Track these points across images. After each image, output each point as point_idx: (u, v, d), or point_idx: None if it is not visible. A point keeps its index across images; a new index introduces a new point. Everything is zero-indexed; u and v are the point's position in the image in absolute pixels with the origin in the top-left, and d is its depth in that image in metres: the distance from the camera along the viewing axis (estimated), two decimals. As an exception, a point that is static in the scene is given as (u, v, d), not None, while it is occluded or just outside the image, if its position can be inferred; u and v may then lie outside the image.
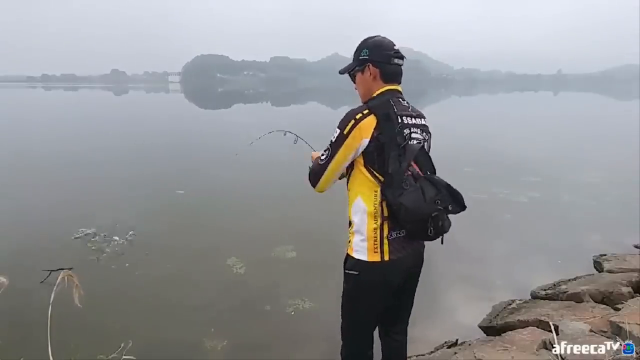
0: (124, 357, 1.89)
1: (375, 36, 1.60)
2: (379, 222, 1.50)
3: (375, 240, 1.51)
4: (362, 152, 1.48)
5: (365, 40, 1.59)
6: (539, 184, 7.39)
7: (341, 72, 1.68)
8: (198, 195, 6.90)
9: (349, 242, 1.59)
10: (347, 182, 1.61)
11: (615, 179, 7.98)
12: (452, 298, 3.62)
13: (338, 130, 1.47)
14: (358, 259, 1.54)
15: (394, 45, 1.56)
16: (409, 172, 1.48)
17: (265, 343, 2.99)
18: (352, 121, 1.45)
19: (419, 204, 1.41)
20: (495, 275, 4.08)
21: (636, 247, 4.49)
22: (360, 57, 1.57)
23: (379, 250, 1.51)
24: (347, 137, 1.45)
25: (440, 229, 1.46)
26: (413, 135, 1.52)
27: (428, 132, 1.61)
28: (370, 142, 1.44)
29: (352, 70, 1.62)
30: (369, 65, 1.55)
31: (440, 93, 64.35)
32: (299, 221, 5.51)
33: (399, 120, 1.48)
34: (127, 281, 3.87)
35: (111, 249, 4.58)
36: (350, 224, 1.60)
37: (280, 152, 10.77)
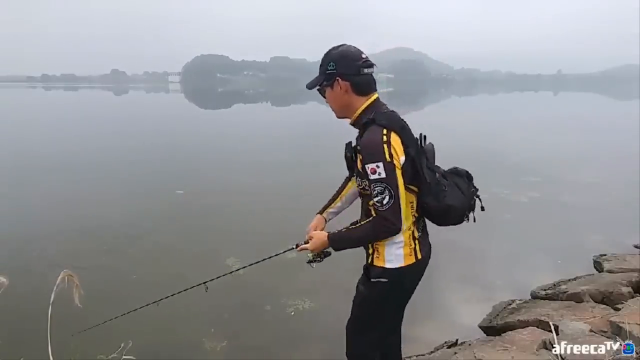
0: (124, 357, 1.89)
1: (340, 46, 1.50)
2: (412, 228, 1.52)
3: (410, 245, 1.51)
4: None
5: (329, 52, 1.49)
6: (539, 184, 7.39)
7: (309, 88, 1.56)
8: (197, 195, 6.90)
9: (377, 253, 1.52)
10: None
11: (615, 179, 7.97)
12: (452, 298, 3.62)
13: (380, 163, 1.34)
14: (390, 268, 1.50)
15: (362, 53, 1.47)
16: (438, 173, 1.51)
17: (265, 344, 2.99)
18: (385, 145, 1.35)
19: (462, 200, 1.50)
20: (495, 275, 4.07)
21: (636, 247, 4.48)
22: (328, 71, 1.47)
23: (413, 252, 1.51)
24: (392, 162, 1.35)
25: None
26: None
27: None
28: (405, 159, 1.40)
29: (320, 85, 1.52)
30: (337, 79, 1.46)
31: (440, 93, 64.38)
32: (298, 221, 5.48)
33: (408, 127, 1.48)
34: (126, 281, 3.87)
35: (111, 249, 4.57)
36: None
37: (278, 153, 10.78)
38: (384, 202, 1.36)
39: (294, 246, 1.72)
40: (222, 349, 2.88)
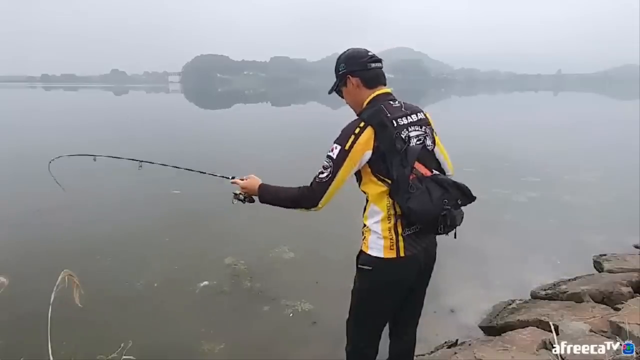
0: (124, 357, 1.88)
1: (346, 50, 1.67)
2: (392, 222, 1.53)
3: (391, 239, 1.53)
4: (368, 163, 1.50)
5: (339, 57, 1.67)
6: (539, 184, 7.39)
7: (329, 92, 1.73)
8: (194, 195, 6.89)
9: (364, 239, 1.61)
10: (360, 188, 1.63)
11: (615, 179, 7.97)
12: (452, 298, 3.61)
13: (338, 147, 1.48)
14: (373, 256, 1.56)
15: (368, 51, 1.62)
16: (414, 175, 1.49)
17: (263, 345, 2.98)
18: (352, 136, 1.46)
19: (427, 206, 1.45)
20: (495, 275, 4.07)
21: (636, 247, 4.48)
22: (340, 73, 1.63)
23: (394, 247, 1.53)
24: (349, 153, 1.46)
25: (450, 226, 1.51)
26: (412, 134, 1.53)
27: (427, 124, 1.63)
28: (373, 153, 1.48)
29: (337, 87, 1.68)
30: (348, 77, 1.61)
31: (440, 93, 64.38)
32: (296, 221, 5.49)
33: (394, 125, 1.49)
34: (125, 281, 3.87)
35: (109, 248, 4.57)
36: (364, 225, 1.62)
37: (276, 152, 10.78)
38: (321, 175, 1.51)
39: (231, 177, 1.92)
40: (220, 350, 2.88)
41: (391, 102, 1.56)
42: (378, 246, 1.55)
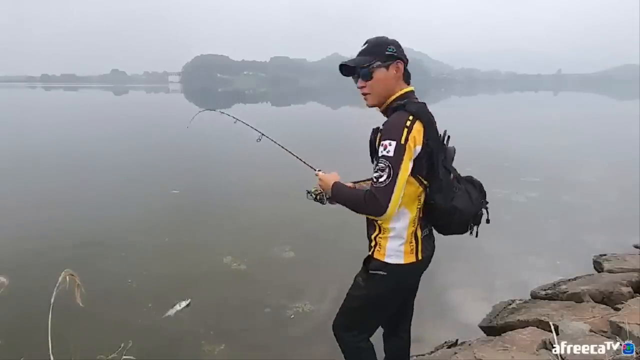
0: (124, 357, 1.89)
1: (385, 36, 1.53)
2: (416, 225, 1.52)
3: (411, 243, 1.51)
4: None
5: (383, 38, 1.50)
6: (539, 184, 7.39)
7: (353, 64, 1.49)
8: (193, 194, 6.89)
9: (378, 246, 1.53)
10: None
11: (615, 179, 7.97)
12: (452, 298, 3.62)
13: (393, 142, 1.34)
14: (391, 263, 1.51)
15: None
16: (453, 175, 1.51)
17: (264, 347, 2.98)
18: (405, 129, 1.35)
19: (469, 206, 1.49)
20: (495, 275, 4.07)
21: (636, 247, 4.48)
22: (387, 53, 1.45)
23: (414, 250, 1.52)
24: (405, 146, 1.34)
25: (476, 225, 1.56)
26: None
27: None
28: (422, 148, 1.39)
29: (372, 64, 1.45)
30: (397, 62, 1.47)
31: (440, 93, 64.29)
32: (296, 220, 5.49)
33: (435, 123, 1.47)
34: (126, 281, 3.87)
35: (108, 250, 4.57)
36: (380, 229, 1.52)
37: (274, 153, 10.76)
38: (380, 179, 1.35)
39: (317, 169, 1.73)
40: (220, 351, 2.87)
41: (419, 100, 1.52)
42: (398, 253, 1.50)
